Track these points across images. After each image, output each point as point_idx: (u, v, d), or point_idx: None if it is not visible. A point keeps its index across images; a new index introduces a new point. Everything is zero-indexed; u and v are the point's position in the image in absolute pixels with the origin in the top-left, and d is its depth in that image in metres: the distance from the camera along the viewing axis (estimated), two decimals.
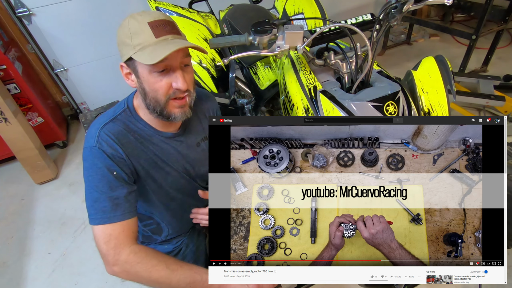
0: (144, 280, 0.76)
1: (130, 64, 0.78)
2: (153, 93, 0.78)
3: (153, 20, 0.73)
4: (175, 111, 0.81)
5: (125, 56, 0.76)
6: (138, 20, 0.73)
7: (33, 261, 1.65)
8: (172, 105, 0.80)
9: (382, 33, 0.82)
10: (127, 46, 0.74)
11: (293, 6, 1.57)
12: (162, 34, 0.73)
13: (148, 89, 0.78)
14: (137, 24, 0.73)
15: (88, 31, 2.34)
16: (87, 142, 0.80)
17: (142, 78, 0.78)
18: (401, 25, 3.43)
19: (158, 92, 0.78)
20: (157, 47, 0.71)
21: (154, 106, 0.80)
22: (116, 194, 0.77)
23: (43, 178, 2.14)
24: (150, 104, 0.80)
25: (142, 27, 0.72)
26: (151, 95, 0.79)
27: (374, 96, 0.78)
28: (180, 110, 0.82)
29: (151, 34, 0.72)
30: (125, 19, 0.75)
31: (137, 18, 0.73)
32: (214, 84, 1.53)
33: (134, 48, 0.73)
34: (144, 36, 0.72)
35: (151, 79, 0.76)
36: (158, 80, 0.76)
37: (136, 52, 0.73)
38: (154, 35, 0.72)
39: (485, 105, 2.14)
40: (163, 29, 0.73)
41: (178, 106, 0.81)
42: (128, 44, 0.74)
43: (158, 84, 0.77)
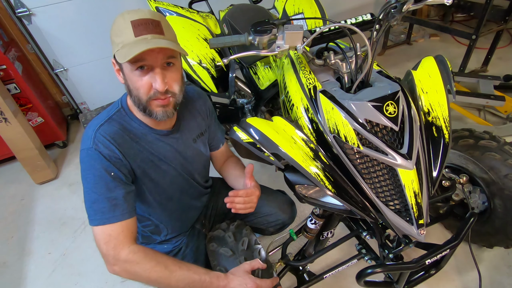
0: (144, 279, 0.76)
1: (116, 61, 0.78)
2: (135, 91, 0.79)
3: (136, 19, 0.73)
4: (157, 110, 0.81)
5: (112, 53, 0.78)
6: (124, 18, 0.74)
7: (33, 261, 1.65)
8: (154, 104, 0.80)
9: (382, 33, 0.82)
10: (113, 44, 0.76)
11: (293, 6, 1.57)
12: (142, 33, 0.73)
13: (131, 87, 0.79)
14: (123, 22, 0.73)
15: (88, 31, 2.34)
16: (84, 144, 0.81)
17: (126, 75, 0.79)
18: (401, 25, 3.42)
19: (140, 90, 0.78)
20: (133, 46, 0.71)
21: (138, 104, 0.81)
22: (114, 195, 0.78)
23: (43, 178, 2.13)
24: (135, 101, 0.81)
25: (126, 25, 0.73)
26: (134, 93, 0.79)
27: (374, 96, 0.78)
28: (162, 109, 0.81)
29: (131, 32, 0.73)
30: (117, 16, 0.76)
31: (124, 16, 0.74)
32: (214, 84, 1.53)
33: (117, 46, 0.75)
34: (125, 35, 0.73)
35: (132, 77, 0.77)
36: (139, 79, 0.77)
37: (118, 50, 0.74)
38: (134, 34, 0.73)
39: (485, 105, 2.14)
40: (144, 28, 0.73)
41: (160, 105, 0.81)
42: (114, 42, 0.76)
43: (139, 83, 0.77)
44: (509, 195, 1.10)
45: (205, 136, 1.06)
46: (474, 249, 1.22)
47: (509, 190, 1.10)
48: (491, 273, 1.31)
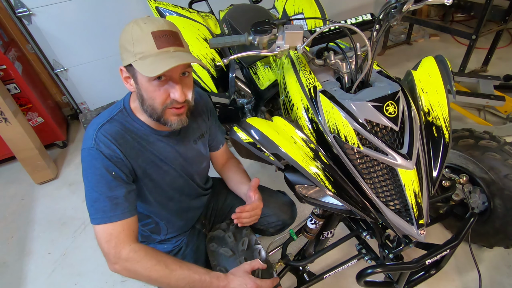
0: (144, 278, 0.77)
1: (129, 70, 0.77)
2: (150, 101, 0.78)
3: (157, 30, 0.72)
4: (172, 118, 0.81)
5: (125, 61, 0.76)
6: (142, 27, 0.72)
7: (33, 261, 1.65)
8: (169, 113, 0.80)
9: (382, 33, 0.82)
10: (128, 52, 0.74)
11: (293, 6, 1.57)
12: (165, 45, 0.72)
13: (146, 97, 0.78)
14: (140, 32, 0.72)
15: (88, 31, 2.34)
16: (85, 144, 0.81)
17: (140, 85, 0.77)
18: (401, 25, 3.42)
19: (156, 100, 0.77)
20: (158, 59, 0.71)
21: (151, 113, 0.80)
22: (115, 194, 0.78)
23: (43, 178, 2.13)
24: (147, 110, 0.81)
25: (145, 36, 0.72)
26: (148, 102, 0.79)
27: (374, 96, 0.78)
28: (177, 118, 0.82)
29: (153, 44, 0.72)
30: (128, 24, 0.74)
31: (141, 26, 0.72)
32: (214, 84, 1.53)
33: (135, 56, 0.73)
34: (146, 45, 0.72)
35: (149, 88, 0.76)
36: (157, 89, 0.76)
37: (136, 60, 0.73)
38: (156, 46, 0.72)
39: (485, 105, 2.14)
40: (166, 40, 0.73)
41: (175, 114, 0.81)
42: (129, 51, 0.73)
43: (156, 93, 0.77)
44: (509, 195, 1.10)
45: (205, 138, 1.06)
46: (474, 249, 1.22)
47: (509, 190, 1.10)
48: (491, 273, 1.31)
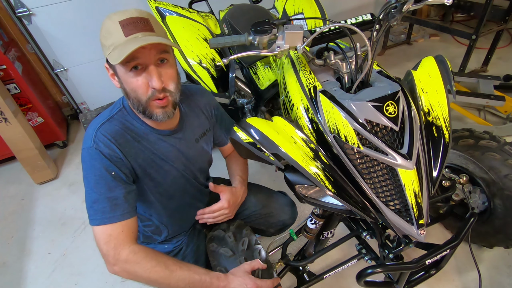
0: (144, 280, 0.76)
1: (111, 65, 0.77)
2: (133, 93, 0.77)
3: (124, 19, 0.71)
4: (157, 111, 0.80)
5: (105, 57, 0.76)
6: (112, 19, 0.72)
7: (33, 261, 1.65)
8: (153, 105, 0.79)
9: (382, 33, 0.82)
10: (104, 47, 0.74)
11: (293, 6, 1.57)
12: (132, 32, 0.71)
13: (128, 89, 0.77)
14: (111, 23, 0.72)
15: (88, 31, 2.33)
16: (85, 144, 0.80)
17: (121, 78, 0.77)
18: (401, 25, 3.42)
19: (137, 92, 0.77)
20: (124, 46, 0.70)
21: (138, 107, 0.80)
22: (114, 195, 0.78)
23: (43, 178, 2.13)
24: (134, 104, 0.80)
25: (114, 26, 0.71)
26: (132, 95, 0.78)
27: (374, 96, 0.78)
28: (162, 110, 0.80)
29: (121, 33, 0.71)
30: (104, 19, 0.74)
31: (112, 18, 0.72)
32: (214, 84, 1.53)
33: (108, 49, 0.73)
34: (115, 36, 0.71)
35: (128, 79, 0.76)
36: (135, 80, 0.75)
37: (110, 52, 0.72)
38: (124, 34, 0.71)
39: (485, 105, 2.14)
40: (134, 26, 0.72)
41: (159, 106, 0.80)
42: (104, 45, 0.74)
43: (135, 84, 0.76)
44: (509, 195, 1.10)
45: (208, 136, 1.06)
46: (474, 249, 1.22)
47: (509, 190, 1.10)
48: (491, 273, 1.31)
